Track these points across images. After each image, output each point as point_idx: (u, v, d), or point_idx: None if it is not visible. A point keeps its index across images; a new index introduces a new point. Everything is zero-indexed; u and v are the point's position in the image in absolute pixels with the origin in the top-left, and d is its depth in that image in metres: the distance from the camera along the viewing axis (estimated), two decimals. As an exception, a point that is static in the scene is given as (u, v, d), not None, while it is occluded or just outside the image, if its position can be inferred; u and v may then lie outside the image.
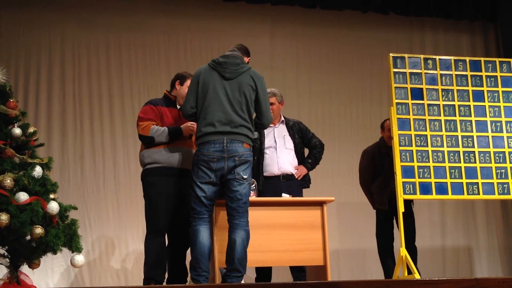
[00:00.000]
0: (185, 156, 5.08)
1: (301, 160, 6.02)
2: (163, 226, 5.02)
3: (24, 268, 4.88)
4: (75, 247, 4.92)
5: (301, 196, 5.86)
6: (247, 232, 4.66)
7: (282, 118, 6.09)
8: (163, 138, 5.05)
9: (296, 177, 5.90)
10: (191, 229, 4.68)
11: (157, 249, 5.01)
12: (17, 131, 5.07)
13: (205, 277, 4.57)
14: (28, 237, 4.74)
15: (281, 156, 5.91)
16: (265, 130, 5.98)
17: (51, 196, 4.94)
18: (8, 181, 4.71)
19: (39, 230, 4.64)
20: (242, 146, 4.69)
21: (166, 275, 5.11)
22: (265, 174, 5.87)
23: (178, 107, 5.23)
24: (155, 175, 5.07)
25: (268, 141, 5.95)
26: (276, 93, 6.00)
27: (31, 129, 5.28)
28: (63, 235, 4.85)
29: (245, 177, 4.68)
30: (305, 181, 6.01)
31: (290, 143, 5.98)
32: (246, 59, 5.02)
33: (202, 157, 4.65)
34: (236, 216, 4.65)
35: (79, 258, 4.96)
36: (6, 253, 4.91)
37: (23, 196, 4.72)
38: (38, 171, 4.94)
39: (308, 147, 6.14)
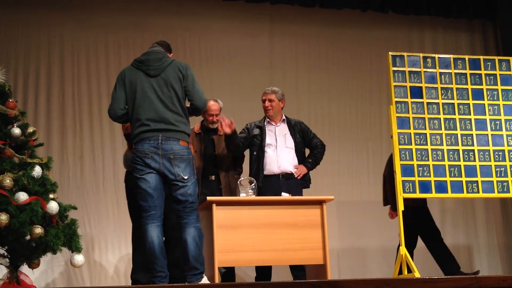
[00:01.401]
0: None
1: (301, 159, 6.03)
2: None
3: (24, 268, 4.88)
4: (75, 247, 4.92)
5: (301, 195, 5.86)
6: (197, 229, 4.56)
7: (284, 117, 6.09)
8: None
9: (296, 176, 5.90)
10: (141, 230, 4.58)
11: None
12: (16, 131, 5.07)
13: (161, 277, 4.47)
14: (28, 237, 4.74)
15: (281, 154, 5.91)
16: (266, 128, 5.99)
17: (51, 196, 4.93)
18: (8, 181, 4.71)
19: (38, 230, 4.64)
20: (178, 143, 4.57)
21: None
22: (265, 172, 5.87)
23: None
24: (131, 180, 5.11)
25: (269, 139, 5.95)
26: (276, 91, 6.02)
27: (30, 129, 5.27)
28: (63, 235, 4.84)
29: (185, 177, 4.54)
30: (305, 181, 6.01)
31: (290, 142, 5.98)
32: (169, 56, 4.93)
33: (137, 153, 4.55)
34: (183, 216, 4.56)
35: (79, 258, 4.96)
36: (5, 253, 4.90)
37: (22, 196, 4.72)
38: (37, 171, 4.94)
39: (309, 147, 6.14)
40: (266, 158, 5.92)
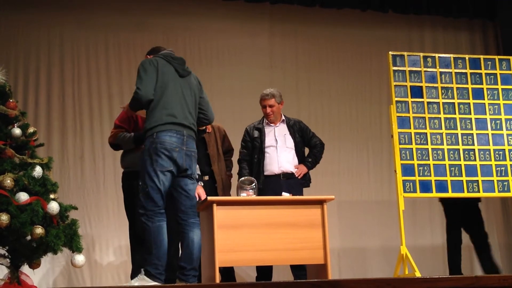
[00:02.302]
0: None
1: (301, 159, 6.03)
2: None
3: (25, 268, 4.88)
4: (75, 247, 4.92)
5: (302, 195, 5.86)
6: (200, 230, 4.66)
7: (283, 118, 6.09)
8: (130, 144, 5.19)
9: (297, 175, 5.91)
10: (152, 225, 4.45)
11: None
12: (17, 131, 5.07)
13: (162, 275, 4.46)
14: (29, 237, 4.74)
15: (281, 155, 5.92)
16: (265, 129, 6.00)
17: (51, 196, 4.94)
18: (8, 181, 4.71)
19: (39, 230, 4.64)
20: (195, 143, 4.68)
21: None
22: (265, 173, 5.88)
23: None
24: (127, 180, 5.24)
25: (268, 140, 5.96)
26: (275, 94, 6.01)
27: (31, 129, 5.27)
28: (64, 235, 4.84)
29: (197, 177, 4.70)
30: (306, 180, 6.03)
31: (290, 142, 5.99)
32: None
33: (164, 144, 4.45)
34: (191, 214, 4.60)
35: (80, 258, 4.96)
36: (6, 253, 4.91)
37: (23, 196, 4.72)
38: (38, 171, 4.94)
39: (308, 146, 6.15)
40: (267, 159, 5.93)
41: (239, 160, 6.11)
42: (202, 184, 5.43)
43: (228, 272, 5.85)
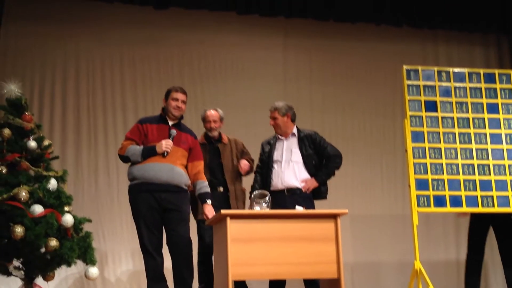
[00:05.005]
0: (158, 171, 5.12)
1: (314, 172, 5.97)
2: (148, 244, 5.08)
3: (39, 280, 4.90)
4: (89, 260, 4.93)
5: (312, 208, 5.83)
6: None
7: (294, 131, 6.04)
8: (137, 157, 5.17)
9: (304, 190, 5.84)
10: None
11: (150, 266, 5.10)
12: (32, 144, 5.11)
13: None
14: (43, 250, 4.76)
15: (285, 170, 5.87)
16: (276, 144, 5.98)
17: (66, 208, 4.96)
18: (23, 193, 4.74)
19: (53, 242, 4.66)
20: None
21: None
22: (271, 188, 5.83)
23: (171, 123, 5.34)
24: (132, 193, 5.23)
25: (276, 155, 5.94)
26: (277, 107, 5.94)
27: (46, 142, 5.31)
28: (78, 247, 4.86)
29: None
30: (321, 192, 5.95)
31: (297, 156, 5.91)
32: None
33: None
34: None
35: (93, 271, 4.98)
36: (21, 265, 4.93)
37: (38, 209, 4.75)
38: (53, 183, 4.97)
39: (324, 159, 6.08)
40: (273, 174, 5.90)
41: (254, 172, 6.11)
42: (210, 202, 5.40)
43: (240, 286, 5.84)
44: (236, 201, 5.91)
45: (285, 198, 5.76)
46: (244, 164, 6.01)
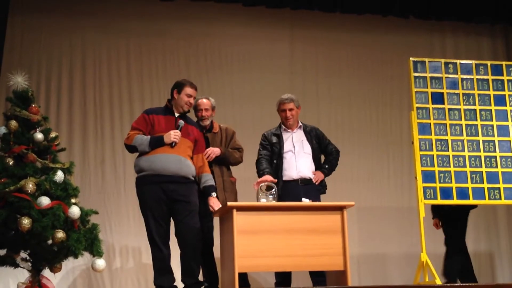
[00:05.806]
0: (166, 162, 5.10)
1: (317, 165, 6.01)
2: (155, 236, 5.08)
3: (46, 272, 4.92)
4: (96, 252, 4.95)
5: (319, 200, 5.84)
6: None
7: (300, 124, 6.07)
8: (145, 147, 5.15)
9: (314, 181, 5.88)
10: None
11: (157, 258, 5.11)
12: (39, 136, 5.12)
13: None
14: (50, 241, 4.77)
15: (299, 160, 5.89)
16: (283, 135, 5.98)
17: (73, 200, 4.97)
18: (30, 185, 4.76)
19: (60, 234, 4.68)
20: None
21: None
22: (284, 178, 5.85)
23: (176, 115, 5.32)
24: (140, 185, 5.21)
25: (286, 146, 5.94)
26: (293, 99, 5.99)
27: (52, 134, 5.32)
28: (84, 239, 4.88)
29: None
30: (322, 187, 5.99)
31: (308, 148, 5.96)
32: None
33: None
34: None
35: (100, 263, 4.99)
36: (28, 257, 4.95)
37: (45, 201, 4.76)
38: (59, 175, 4.98)
39: (324, 153, 6.12)
40: (285, 164, 5.90)
41: (258, 160, 6.03)
42: (215, 195, 5.36)
43: (241, 278, 5.80)
44: (225, 192, 5.82)
45: (299, 189, 5.77)
46: (212, 151, 5.75)
